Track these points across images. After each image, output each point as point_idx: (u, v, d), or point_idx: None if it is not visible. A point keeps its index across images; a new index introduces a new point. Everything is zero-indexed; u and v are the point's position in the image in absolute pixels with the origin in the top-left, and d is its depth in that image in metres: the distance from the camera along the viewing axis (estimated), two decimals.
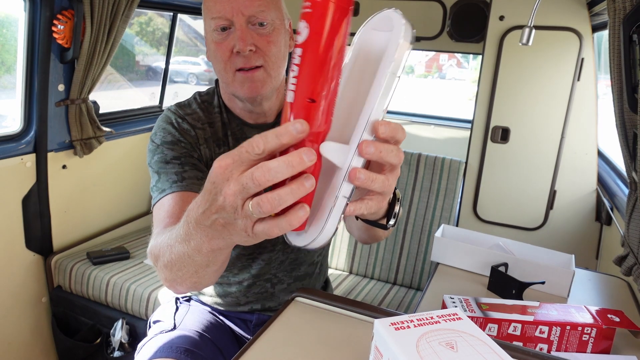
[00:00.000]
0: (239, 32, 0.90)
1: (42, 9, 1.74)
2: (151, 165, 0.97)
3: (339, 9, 0.45)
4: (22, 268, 1.92)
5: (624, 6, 1.11)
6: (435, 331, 0.54)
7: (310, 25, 0.45)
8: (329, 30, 0.45)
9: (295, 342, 0.69)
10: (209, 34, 0.95)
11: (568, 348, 0.92)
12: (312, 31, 0.45)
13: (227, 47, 0.92)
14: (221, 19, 0.90)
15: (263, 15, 0.91)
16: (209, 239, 0.54)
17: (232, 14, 0.90)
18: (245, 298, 1.14)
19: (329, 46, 0.45)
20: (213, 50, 0.95)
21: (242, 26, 0.90)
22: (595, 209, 2.18)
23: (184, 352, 1.01)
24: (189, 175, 0.94)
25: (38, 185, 1.91)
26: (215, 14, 0.91)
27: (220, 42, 0.93)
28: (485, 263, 1.24)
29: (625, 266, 1.18)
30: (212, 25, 0.92)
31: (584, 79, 2.12)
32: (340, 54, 0.46)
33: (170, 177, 0.93)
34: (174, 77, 6.47)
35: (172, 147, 0.97)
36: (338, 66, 0.46)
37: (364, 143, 0.47)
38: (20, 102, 1.84)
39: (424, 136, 3.51)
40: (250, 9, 0.90)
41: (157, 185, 0.94)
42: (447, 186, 1.97)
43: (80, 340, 1.92)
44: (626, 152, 1.23)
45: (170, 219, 0.85)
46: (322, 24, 0.45)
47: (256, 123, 1.05)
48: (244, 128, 1.05)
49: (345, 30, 0.46)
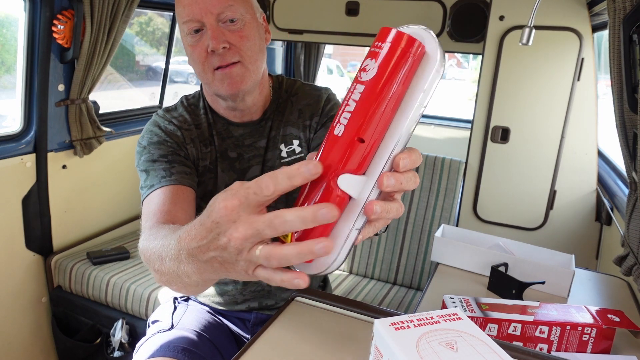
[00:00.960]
0: (211, 31, 0.91)
1: (42, 9, 1.74)
2: (139, 165, 0.99)
3: (426, 63, 0.44)
4: (22, 268, 1.92)
5: (624, 6, 1.11)
6: (435, 331, 0.54)
7: (380, 68, 0.43)
8: (400, 81, 0.43)
9: (295, 342, 0.69)
10: (184, 39, 0.96)
11: (568, 348, 0.92)
12: (381, 75, 0.43)
13: (202, 48, 0.93)
14: (192, 21, 0.92)
15: (232, 11, 0.92)
16: (200, 272, 0.52)
17: (202, 15, 0.91)
18: (242, 296, 1.14)
19: (395, 95, 0.43)
20: (190, 53, 0.96)
21: (212, 25, 0.92)
22: (595, 209, 2.18)
23: (181, 352, 1.01)
24: (177, 170, 0.95)
25: (38, 185, 1.91)
26: (185, 17, 0.92)
27: (195, 44, 0.94)
28: (485, 263, 1.24)
29: (625, 266, 1.18)
30: (185, 29, 0.94)
31: (584, 79, 2.12)
32: (400, 101, 0.45)
33: (158, 173, 0.94)
34: (174, 77, 6.47)
35: (158, 147, 0.98)
36: (394, 113, 0.45)
37: (384, 177, 0.45)
38: (20, 102, 1.84)
39: (424, 136, 3.51)
40: (218, 7, 0.91)
41: (145, 183, 0.95)
42: (447, 186, 1.97)
43: (80, 340, 1.92)
44: (626, 152, 1.23)
45: (161, 214, 0.84)
46: (398, 72, 0.43)
47: (241, 121, 1.06)
48: (230, 127, 1.06)
49: (427, 87, 0.44)
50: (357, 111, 0.43)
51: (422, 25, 0.46)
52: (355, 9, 2.68)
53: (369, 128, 0.43)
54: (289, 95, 1.09)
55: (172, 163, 0.96)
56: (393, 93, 0.43)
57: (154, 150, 0.98)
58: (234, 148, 1.05)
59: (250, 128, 1.05)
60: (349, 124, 0.43)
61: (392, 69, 0.43)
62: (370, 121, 0.43)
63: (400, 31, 0.43)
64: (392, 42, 0.43)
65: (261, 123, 1.06)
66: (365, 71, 0.43)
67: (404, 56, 0.43)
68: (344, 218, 0.46)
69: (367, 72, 0.43)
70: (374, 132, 0.44)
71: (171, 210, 0.86)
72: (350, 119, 0.43)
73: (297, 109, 1.07)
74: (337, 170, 0.44)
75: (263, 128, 1.06)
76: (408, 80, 0.44)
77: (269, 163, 1.05)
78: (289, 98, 1.09)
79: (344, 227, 0.46)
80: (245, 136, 1.05)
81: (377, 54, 0.43)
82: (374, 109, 0.43)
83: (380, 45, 0.43)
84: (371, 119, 0.43)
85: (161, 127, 1.02)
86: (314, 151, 0.78)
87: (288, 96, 1.09)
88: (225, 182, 1.04)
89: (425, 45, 0.44)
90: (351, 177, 0.44)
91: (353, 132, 0.43)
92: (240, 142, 1.05)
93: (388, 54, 0.43)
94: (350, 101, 0.44)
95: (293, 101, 1.08)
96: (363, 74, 0.44)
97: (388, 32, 0.44)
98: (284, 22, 2.83)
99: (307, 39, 2.84)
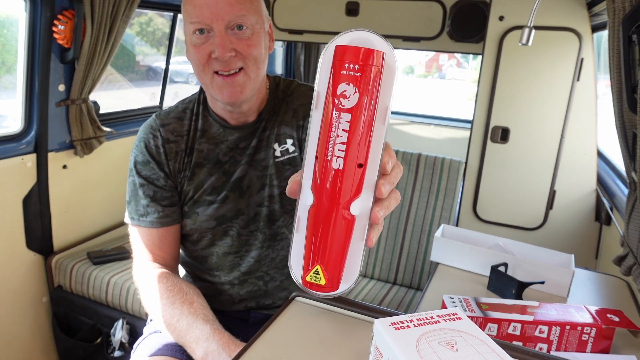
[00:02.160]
0: (219, 38, 0.91)
1: (43, 9, 1.75)
2: (128, 183, 1.08)
3: (389, 70, 0.45)
4: (23, 268, 1.92)
5: (623, 6, 1.11)
6: (435, 331, 0.55)
7: (360, 90, 0.44)
8: (381, 95, 0.44)
9: (295, 342, 0.69)
10: (188, 36, 0.96)
11: (568, 348, 0.92)
12: (363, 96, 0.44)
13: (205, 51, 0.93)
14: (200, 23, 0.91)
15: (243, 20, 0.92)
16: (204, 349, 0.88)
17: (212, 20, 0.90)
18: (239, 296, 1.14)
19: (377, 111, 0.45)
20: (192, 52, 0.95)
21: (221, 32, 0.91)
22: (594, 209, 2.18)
23: (179, 350, 1.01)
24: (152, 210, 1.04)
25: (38, 185, 1.91)
26: (194, 18, 0.91)
27: (199, 46, 0.93)
28: (485, 263, 1.24)
29: (625, 266, 1.18)
30: (191, 29, 0.93)
31: (584, 79, 2.12)
32: (388, 115, 0.46)
33: (138, 207, 1.05)
34: (174, 77, 6.47)
35: (141, 170, 1.05)
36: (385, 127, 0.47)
37: (381, 187, 0.47)
38: (20, 102, 1.84)
39: (424, 136, 3.51)
40: (229, 14, 0.90)
41: (129, 206, 1.07)
42: (447, 186, 1.97)
43: (80, 340, 1.92)
44: (626, 152, 1.23)
45: (152, 255, 1.07)
46: (374, 89, 0.44)
47: (237, 124, 1.06)
48: (225, 130, 1.06)
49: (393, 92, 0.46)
50: (351, 141, 0.45)
51: (363, 28, 0.46)
52: (355, 9, 2.68)
53: (367, 154, 0.46)
54: (285, 95, 1.09)
55: (148, 198, 1.04)
56: (376, 111, 0.45)
57: (137, 175, 1.05)
58: (227, 152, 1.05)
59: (245, 131, 1.06)
60: (348, 156, 0.45)
61: (371, 89, 0.44)
62: (367, 148, 0.45)
63: (367, 49, 0.44)
64: (362, 61, 0.44)
65: (255, 124, 1.06)
66: (345, 97, 0.44)
67: (378, 73, 0.44)
68: (356, 236, 0.49)
69: (348, 99, 0.44)
70: (370, 154, 0.46)
71: (158, 253, 1.07)
72: (347, 150, 0.45)
73: (292, 109, 1.07)
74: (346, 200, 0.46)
75: (257, 129, 1.06)
76: (383, 92, 0.46)
77: (263, 163, 1.05)
78: (285, 98, 1.09)
79: (359, 243, 0.49)
80: (241, 139, 1.06)
81: (352, 77, 0.44)
82: (366, 135, 0.45)
83: (352, 68, 0.44)
84: (367, 145, 0.45)
85: (147, 145, 1.05)
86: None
87: (284, 96, 1.09)
88: (213, 184, 1.05)
89: (384, 51, 0.45)
90: (358, 201, 0.47)
91: (353, 162, 0.45)
92: (234, 145, 1.06)
93: (364, 76, 0.44)
94: (340, 132, 0.45)
95: (288, 101, 1.08)
96: (344, 100, 0.44)
97: (353, 52, 0.44)
98: (284, 22, 2.84)
99: (307, 39, 2.85)
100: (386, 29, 2.67)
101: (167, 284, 1.01)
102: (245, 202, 1.05)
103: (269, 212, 1.06)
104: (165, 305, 0.98)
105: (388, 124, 0.47)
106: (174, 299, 0.98)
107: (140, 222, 1.05)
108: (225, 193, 1.04)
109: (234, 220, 1.06)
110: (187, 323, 0.94)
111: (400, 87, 17.21)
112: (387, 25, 2.66)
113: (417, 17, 2.58)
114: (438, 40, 2.59)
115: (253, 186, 1.05)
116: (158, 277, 1.02)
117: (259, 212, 1.06)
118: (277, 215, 1.06)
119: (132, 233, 1.09)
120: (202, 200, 1.05)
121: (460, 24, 2.45)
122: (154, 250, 1.07)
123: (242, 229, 1.07)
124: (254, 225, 1.07)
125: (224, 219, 1.05)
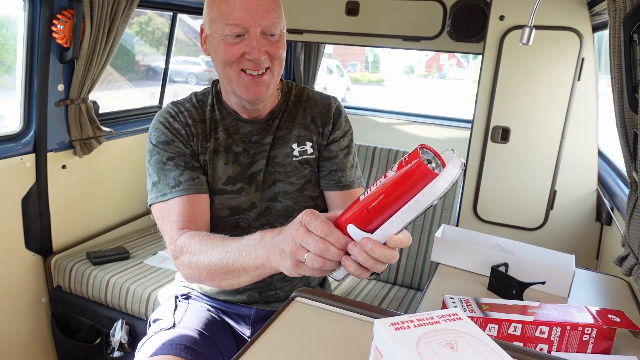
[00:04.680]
0: (255, 42, 0.97)
1: (42, 9, 1.74)
2: (150, 164, 1.07)
3: (424, 184, 0.60)
4: (22, 268, 1.91)
5: (624, 6, 1.10)
6: (435, 331, 0.54)
7: (399, 178, 0.61)
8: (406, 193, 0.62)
9: (295, 342, 0.69)
10: (217, 34, 1.00)
11: (568, 348, 0.92)
12: (391, 181, 0.62)
13: (238, 51, 0.99)
14: (237, 26, 0.97)
15: (275, 27, 1.00)
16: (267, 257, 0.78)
17: (250, 24, 0.96)
18: (244, 286, 1.14)
19: (412, 204, 0.62)
20: (222, 49, 1.00)
21: (257, 36, 0.97)
22: (595, 209, 2.18)
23: (183, 350, 1.02)
24: (186, 178, 1.03)
25: (38, 185, 1.91)
26: (232, 21, 0.96)
27: (232, 45, 0.99)
28: (485, 263, 1.23)
29: (626, 266, 1.18)
30: (227, 30, 0.97)
31: (585, 78, 2.12)
32: (417, 210, 0.62)
33: (169, 181, 1.03)
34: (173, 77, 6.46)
35: (166, 148, 1.05)
36: (393, 209, 0.64)
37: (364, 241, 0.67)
38: (19, 102, 1.84)
39: (424, 136, 3.50)
40: (267, 20, 0.97)
41: (156, 187, 1.04)
42: None
43: (80, 341, 1.91)
44: (626, 152, 1.23)
45: (184, 222, 1.00)
46: (409, 187, 0.61)
47: (250, 118, 1.12)
48: (239, 123, 1.12)
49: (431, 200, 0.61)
50: (374, 193, 0.64)
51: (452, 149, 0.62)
52: (355, 8, 2.67)
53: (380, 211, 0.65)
54: (299, 100, 1.17)
55: (180, 168, 1.04)
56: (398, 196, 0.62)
57: (162, 152, 1.05)
58: (240, 143, 1.11)
59: (258, 125, 1.12)
60: (370, 198, 0.65)
61: (398, 183, 0.61)
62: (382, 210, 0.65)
63: (421, 162, 0.60)
64: (410, 166, 0.61)
65: (268, 122, 1.13)
66: (391, 170, 0.63)
67: (412, 179, 0.61)
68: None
69: (393, 170, 0.63)
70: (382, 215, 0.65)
71: (191, 220, 1.01)
72: (372, 196, 0.65)
73: (310, 115, 1.15)
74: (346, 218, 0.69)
75: (270, 126, 1.13)
76: (412, 194, 0.61)
77: (277, 159, 1.12)
78: (301, 103, 1.17)
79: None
80: (253, 133, 1.12)
81: (400, 166, 0.62)
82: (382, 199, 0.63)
83: (405, 162, 0.61)
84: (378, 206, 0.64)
85: (167, 125, 1.07)
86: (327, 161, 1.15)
87: (298, 101, 1.17)
88: (229, 174, 1.10)
89: (438, 181, 0.60)
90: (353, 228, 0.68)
91: (367, 206, 0.65)
92: (247, 138, 1.12)
93: (403, 174, 0.61)
94: (377, 184, 0.65)
95: (305, 106, 1.16)
96: (389, 172, 0.63)
97: (415, 156, 0.60)
98: None
99: (307, 39, 2.84)
100: (386, 28, 2.66)
101: (202, 236, 0.95)
102: (259, 195, 1.11)
103: (283, 207, 1.12)
104: (208, 250, 0.91)
105: (415, 217, 0.63)
106: (214, 241, 0.92)
107: (172, 193, 1.02)
108: (240, 185, 1.10)
109: (247, 213, 1.11)
110: (236, 245, 0.86)
111: (401, 88, 17.16)
112: (387, 25, 2.65)
113: (417, 16, 2.58)
114: (438, 40, 2.59)
115: (267, 181, 1.11)
116: (191, 235, 0.96)
117: (271, 206, 1.12)
118: (290, 211, 1.12)
119: (160, 213, 1.03)
120: (218, 188, 1.09)
121: (461, 24, 2.45)
122: (188, 221, 1.00)
123: (254, 221, 1.12)
124: (265, 219, 1.12)
125: (237, 210, 1.10)
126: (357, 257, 0.68)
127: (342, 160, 1.15)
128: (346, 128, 1.18)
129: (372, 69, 21.10)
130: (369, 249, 0.66)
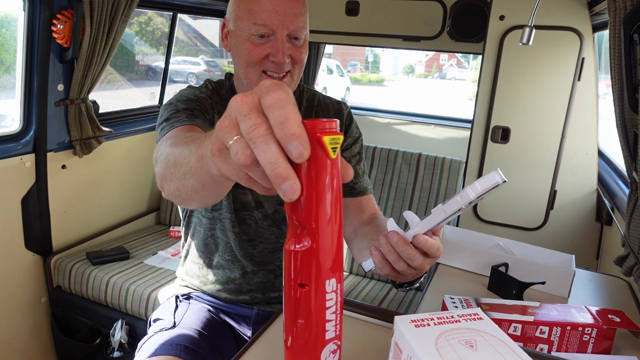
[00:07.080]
0: (281, 45, 0.96)
1: (42, 9, 1.74)
2: (162, 116, 0.97)
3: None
4: (22, 268, 1.91)
5: (624, 6, 1.10)
6: (455, 330, 0.54)
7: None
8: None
9: None
10: (243, 32, 0.98)
11: (568, 348, 0.92)
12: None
13: (262, 51, 0.98)
14: (265, 27, 0.95)
15: (301, 32, 0.99)
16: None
17: (277, 26, 0.96)
18: (247, 285, 1.17)
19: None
20: (246, 48, 0.98)
21: (283, 39, 0.97)
22: (595, 209, 2.18)
23: (184, 350, 1.02)
24: (199, 120, 0.95)
25: (37, 185, 1.90)
26: (260, 21, 0.95)
27: (257, 45, 0.98)
28: (485, 263, 1.23)
29: (626, 266, 1.17)
30: (253, 29, 0.96)
31: (585, 78, 2.12)
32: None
33: (180, 118, 0.93)
34: (173, 76, 6.45)
35: (185, 102, 1.00)
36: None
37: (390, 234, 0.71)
38: (19, 102, 1.84)
39: (424, 136, 3.50)
40: (294, 24, 0.97)
41: (168, 121, 0.93)
42: (447, 186, 1.97)
43: (79, 341, 1.91)
44: (627, 152, 1.23)
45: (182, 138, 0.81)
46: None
47: None
48: None
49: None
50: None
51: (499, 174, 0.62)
52: (355, 8, 2.67)
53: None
54: (311, 105, 1.17)
55: (195, 112, 0.98)
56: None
57: (180, 104, 0.99)
58: None
59: None
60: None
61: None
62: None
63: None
64: None
65: None
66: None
67: None
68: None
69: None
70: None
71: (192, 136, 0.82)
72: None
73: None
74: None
75: None
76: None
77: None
78: (313, 108, 1.16)
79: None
80: None
81: None
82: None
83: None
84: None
85: (193, 92, 1.05)
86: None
87: (309, 105, 1.16)
88: None
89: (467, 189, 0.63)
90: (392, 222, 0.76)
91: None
92: None
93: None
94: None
95: (317, 111, 1.16)
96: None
97: None
98: None
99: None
100: (386, 28, 2.66)
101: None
102: (268, 197, 1.09)
103: None
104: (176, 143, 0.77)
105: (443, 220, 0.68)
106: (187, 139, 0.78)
107: (184, 122, 0.91)
108: None
109: (254, 211, 1.11)
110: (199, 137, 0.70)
111: (401, 88, 17.15)
112: (387, 25, 2.65)
113: (417, 16, 2.58)
114: (438, 40, 2.59)
115: None
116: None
117: (280, 210, 1.12)
118: None
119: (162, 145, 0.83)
120: None
121: (461, 24, 2.45)
122: (190, 134, 0.85)
123: (261, 221, 1.12)
124: (271, 220, 1.12)
125: (245, 206, 1.10)
126: (382, 248, 0.69)
127: (355, 167, 1.14)
128: (357, 135, 1.18)
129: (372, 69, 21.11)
130: (394, 242, 0.67)
